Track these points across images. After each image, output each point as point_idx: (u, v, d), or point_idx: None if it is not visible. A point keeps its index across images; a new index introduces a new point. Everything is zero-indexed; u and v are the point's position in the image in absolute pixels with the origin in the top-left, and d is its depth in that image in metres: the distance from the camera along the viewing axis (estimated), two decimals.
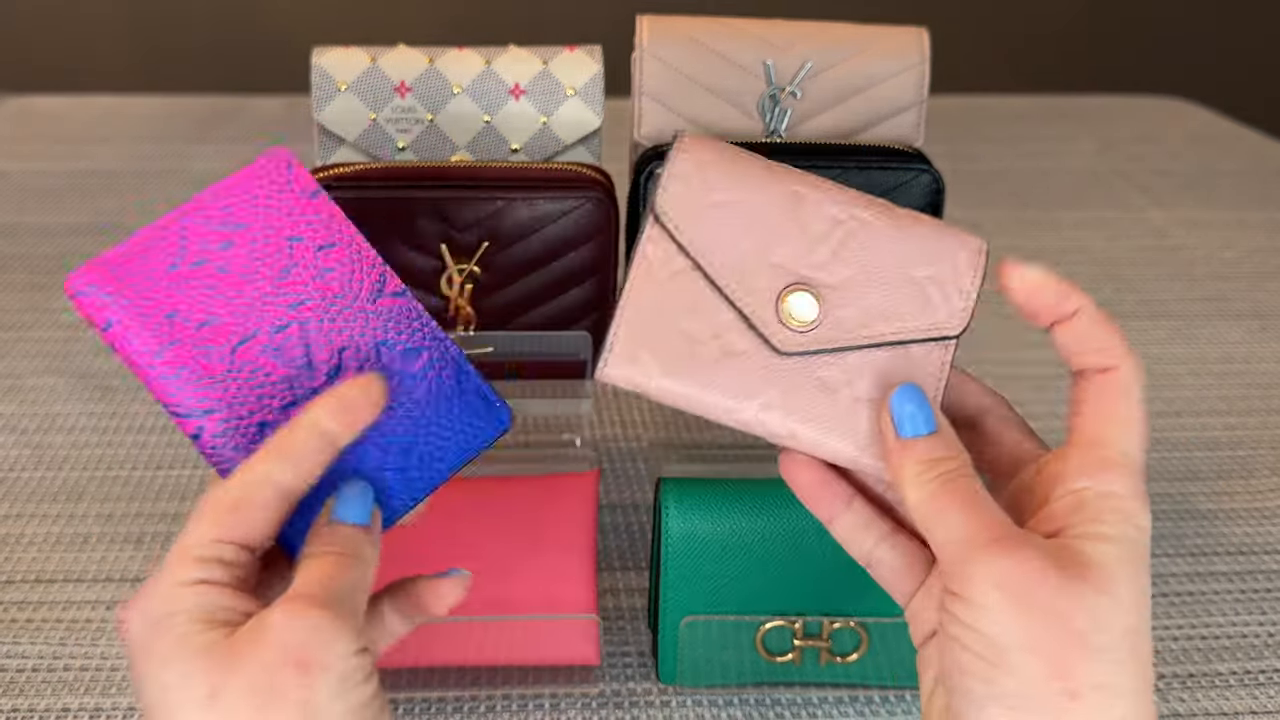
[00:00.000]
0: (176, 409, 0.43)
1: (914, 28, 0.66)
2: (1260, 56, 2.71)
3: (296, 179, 0.46)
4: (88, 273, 0.43)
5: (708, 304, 0.44)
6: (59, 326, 0.92)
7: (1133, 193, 1.25)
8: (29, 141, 1.35)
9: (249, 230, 0.45)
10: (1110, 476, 0.40)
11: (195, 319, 0.44)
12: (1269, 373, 0.89)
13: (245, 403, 0.44)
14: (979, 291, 0.45)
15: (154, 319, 0.43)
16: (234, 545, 0.40)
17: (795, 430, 0.43)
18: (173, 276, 0.44)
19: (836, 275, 0.44)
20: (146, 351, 0.43)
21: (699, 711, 0.56)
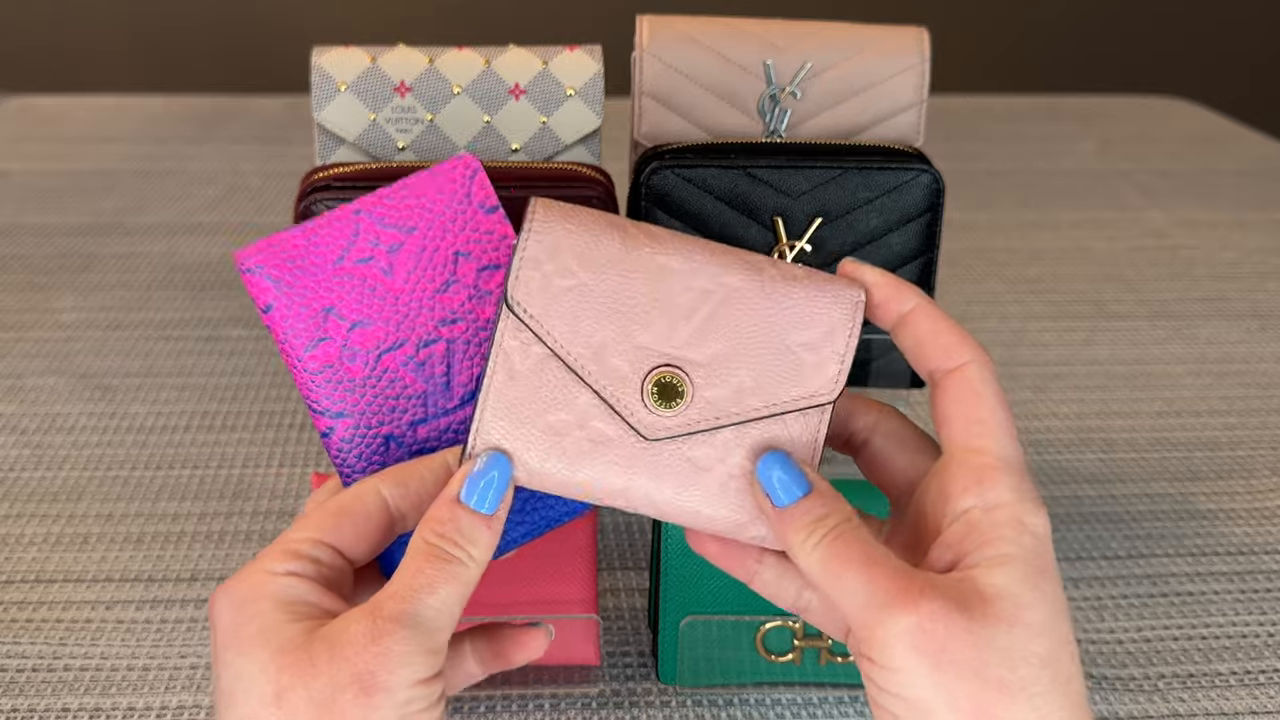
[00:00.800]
0: (314, 404, 0.44)
1: (914, 28, 0.66)
2: (1260, 56, 2.72)
3: (477, 190, 0.45)
4: (259, 252, 0.43)
5: (571, 393, 0.41)
6: (59, 327, 0.92)
7: (1133, 193, 1.25)
8: (29, 141, 1.35)
9: (419, 235, 0.44)
10: (991, 487, 0.39)
11: (350, 318, 0.44)
12: (1269, 373, 0.89)
13: (378, 413, 0.44)
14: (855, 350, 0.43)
15: (312, 311, 0.43)
16: (330, 548, 0.40)
17: (671, 512, 0.42)
18: (338, 270, 0.44)
19: (705, 352, 0.42)
20: (299, 343, 0.43)
21: (699, 711, 0.56)
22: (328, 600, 0.39)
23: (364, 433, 0.44)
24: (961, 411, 0.41)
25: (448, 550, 0.39)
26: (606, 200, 0.61)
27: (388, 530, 0.41)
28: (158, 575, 0.65)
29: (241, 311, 0.94)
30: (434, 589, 0.39)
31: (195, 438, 0.77)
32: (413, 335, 0.44)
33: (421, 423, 0.44)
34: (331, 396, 0.43)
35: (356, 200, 0.44)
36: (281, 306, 0.43)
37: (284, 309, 0.43)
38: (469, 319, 0.45)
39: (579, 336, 0.42)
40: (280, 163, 1.29)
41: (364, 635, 0.37)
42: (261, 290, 0.43)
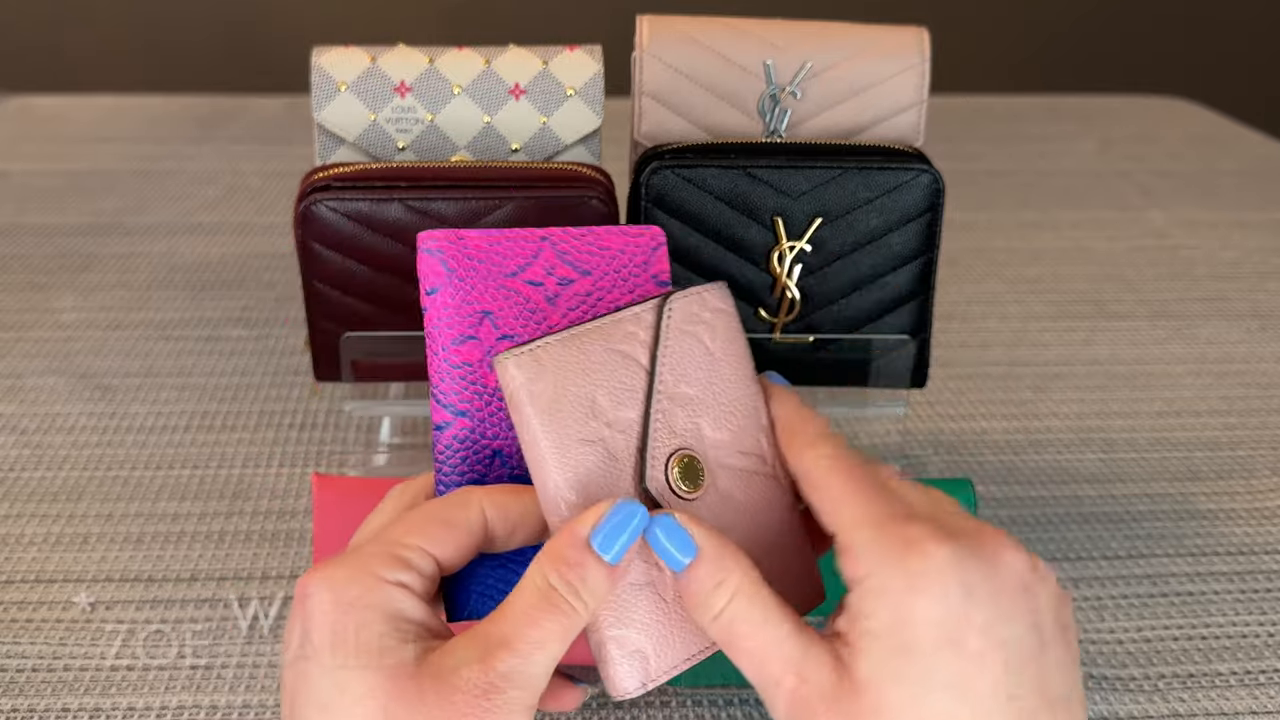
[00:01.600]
0: (441, 396, 0.44)
1: (914, 28, 0.66)
2: (1260, 56, 2.72)
3: (656, 262, 0.47)
4: (441, 237, 0.44)
5: (629, 399, 0.41)
6: (59, 327, 0.92)
7: (1133, 193, 1.25)
8: (29, 141, 1.35)
9: (591, 280, 0.46)
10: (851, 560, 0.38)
11: (501, 329, 0.44)
12: (1269, 373, 0.89)
13: (496, 425, 0.44)
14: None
15: (472, 309, 0.44)
16: (433, 559, 0.39)
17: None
18: (508, 281, 0.45)
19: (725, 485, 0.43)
20: (449, 332, 0.44)
21: (699, 711, 0.56)
22: (431, 618, 0.39)
23: (478, 439, 0.44)
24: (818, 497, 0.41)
25: (568, 600, 0.38)
26: (607, 200, 0.61)
27: (475, 549, 0.41)
28: (158, 575, 0.65)
29: (242, 312, 0.94)
30: (547, 645, 0.38)
31: (195, 438, 0.77)
32: None
33: None
34: (461, 394, 0.44)
35: (545, 228, 0.46)
36: (446, 294, 0.44)
37: (447, 297, 0.44)
38: None
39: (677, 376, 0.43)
40: (280, 163, 1.29)
41: (477, 686, 0.37)
42: (433, 272, 0.44)
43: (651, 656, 0.40)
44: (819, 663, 0.37)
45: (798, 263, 0.62)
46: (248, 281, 1.00)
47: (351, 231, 0.60)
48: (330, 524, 0.56)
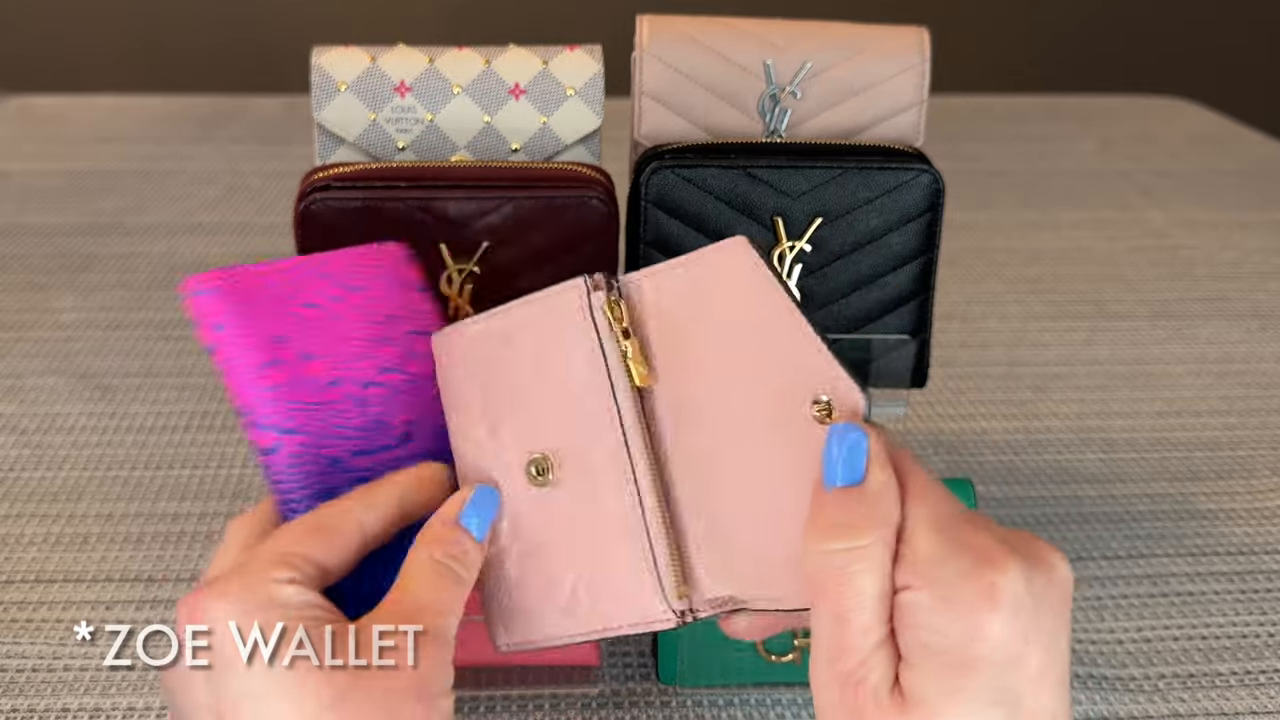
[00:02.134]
0: (261, 421, 0.44)
1: (914, 28, 0.66)
2: (1260, 56, 2.72)
3: (409, 271, 0.51)
4: (210, 278, 0.45)
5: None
6: (59, 327, 0.92)
7: (1133, 193, 1.25)
8: (29, 141, 1.35)
9: (363, 293, 0.49)
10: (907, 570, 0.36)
11: (299, 349, 0.46)
12: (1269, 373, 0.89)
13: (326, 435, 0.45)
14: None
15: (264, 336, 0.45)
16: (313, 563, 0.40)
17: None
18: (289, 307, 0.46)
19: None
20: (251, 362, 0.45)
21: (699, 712, 0.56)
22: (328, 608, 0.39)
23: (313, 451, 0.45)
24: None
25: (457, 571, 0.41)
26: (607, 200, 0.61)
27: (359, 550, 0.42)
28: (158, 575, 0.65)
29: None
30: (454, 609, 0.41)
31: (195, 438, 0.77)
32: (355, 376, 0.47)
33: (363, 454, 0.46)
34: (284, 414, 0.45)
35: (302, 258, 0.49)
36: (234, 327, 0.45)
37: (237, 330, 0.45)
38: (402, 371, 0.49)
39: None
40: (280, 163, 1.29)
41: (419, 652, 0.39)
42: (213, 310, 0.45)
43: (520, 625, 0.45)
44: (883, 659, 0.36)
45: (798, 263, 0.62)
46: None
47: (351, 232, 0.60)
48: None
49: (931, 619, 0.35)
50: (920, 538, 0.36)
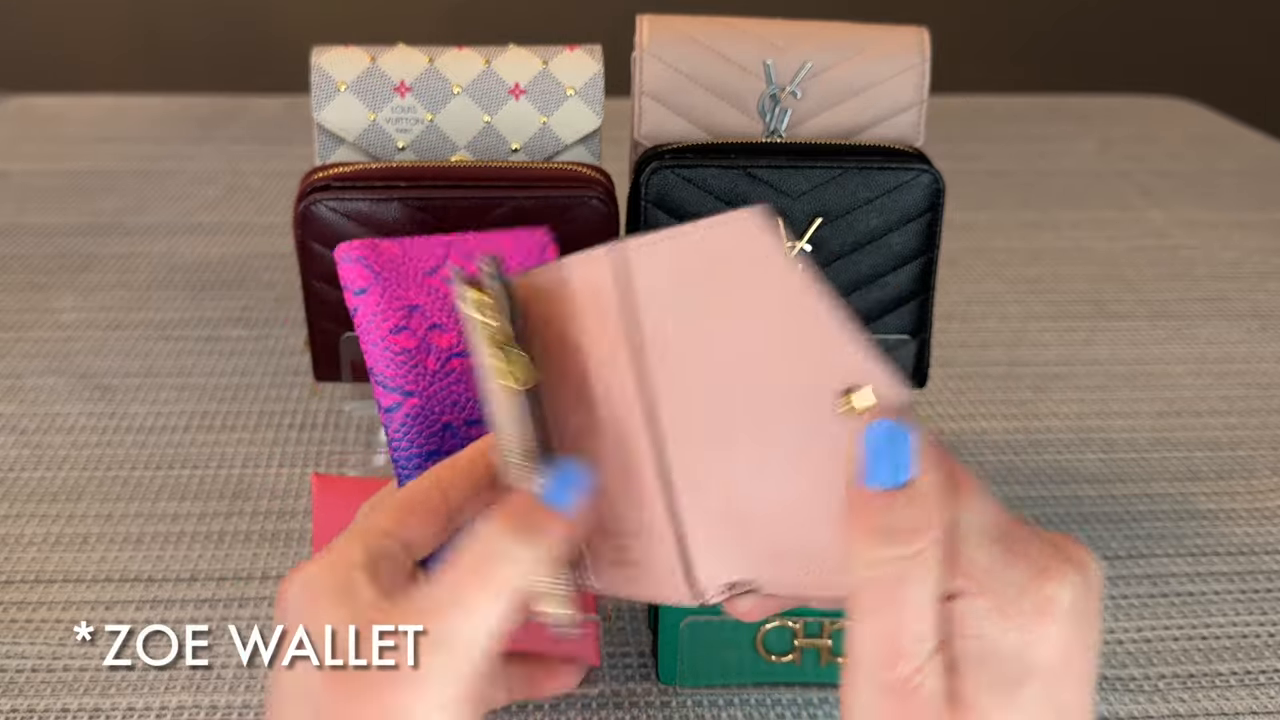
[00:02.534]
0: (386, 382, 0.48)
1: (914, 28, 0.66)
2: (1261, 56, 2.72)
3: (546, 255, 0.53)
4: (359, 246, 0.49)
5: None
6: (59, 327, 0.92)
7: (1133, 193, 1.25)
8: (29, 141, 1.35)
9: None
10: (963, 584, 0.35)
11: (430, 320, 0.49)
12: (1269, 373, 0.89)
13: (441, 402, 0.48)
14: None
15: (400, 303, 0.49)
16: (401, 544, 0.38)
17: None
18: (427, 280, 0.50)
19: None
20: (384, 325, 0.48)
21: (699, 712, 0.56)
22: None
23: (427, 415, 0.48)
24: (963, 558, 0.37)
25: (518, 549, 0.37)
26: (607, 200, 0.61)
27: (446, 523, 0.40)
28: (157, 575, 0.65)
29: (241, 312, 0.94)
30: (475, 607, 0.36)
31: (195, 438, 0.77)
32: None
33: (476, 424, 0.49)
34: (406, 377, 0.48)
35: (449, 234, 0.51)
36: (375, 292, 0.49)
37: (377, 294, 0.49)
38: None
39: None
40: (280, 163, 1.29)
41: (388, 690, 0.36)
42: (359, 275, 0.49)
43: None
44: (938, 666, 0.34)
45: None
46: (248, 282, 1.00)
47: (351, 231, 0.60)
48: (330, 524, 0.56)
49: (988, 628, 0.34)
50: (977, 547, 0.35)
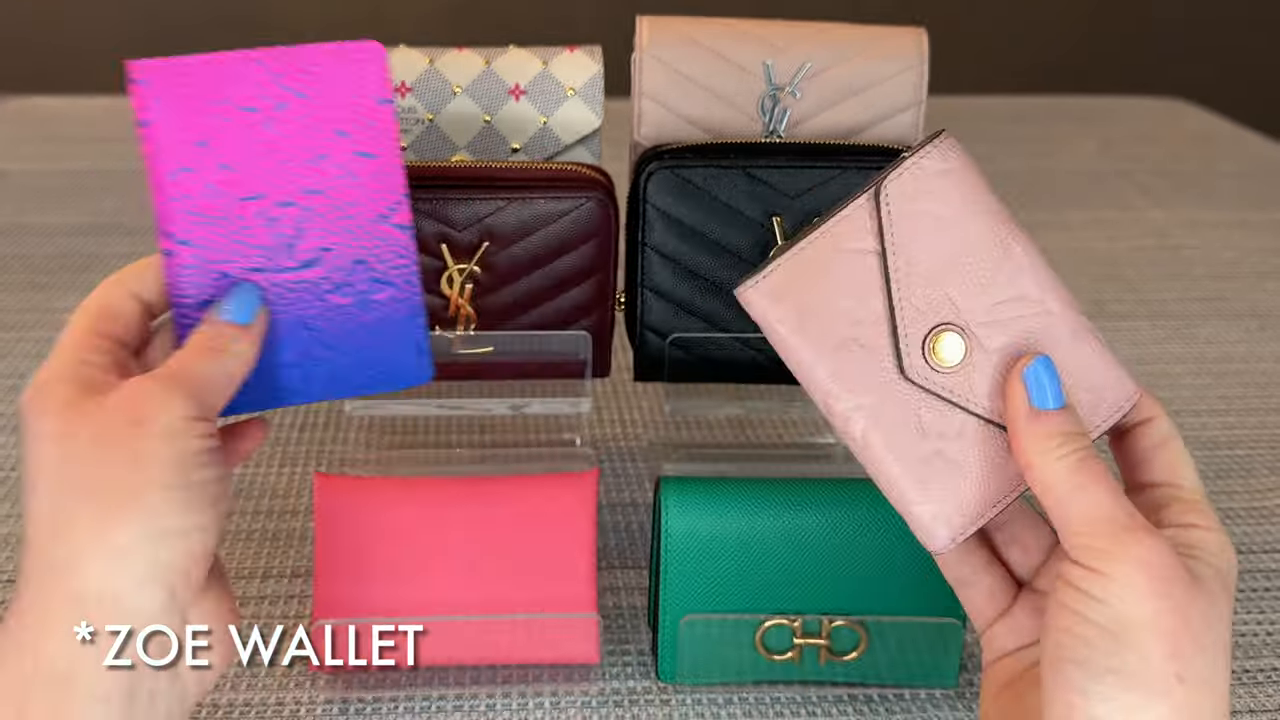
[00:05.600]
0: (164, 226, 0.46)
1: (913, 28, 0.66)
2: (1261, 57, 2.72)
3: (373, 79, 0.47)
4: (155, 68, 0.45)
5: (871, 293, 0.44)
6: (59, 326, 0.91)
7: (1133, 193, 1.25)
8: (29, 142, 1.35)
9: (308, 103, 0.46)
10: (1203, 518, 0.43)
11: (220, 158, 0.46)
12: (1268, 372, 0.89)
13: (221, 250, 0.46)
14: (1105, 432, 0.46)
15: (187, 137, 0.45)
16: (108, 340, 0.45)
17: (870, 443, 0.44)
18: (222, 109, 0.46)
19: (996, 341, 0.44)
20: (166, 163, 0.45)
21: (699, 710, 0.56)
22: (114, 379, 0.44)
23: (204, 265, 0.46)
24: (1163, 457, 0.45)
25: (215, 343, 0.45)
26: (606, 200, 0.61)
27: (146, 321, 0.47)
28: None
29: None
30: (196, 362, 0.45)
31: None
32: (274, 193, 0.46)
33: (258, 271, 0.47)
34: (182, 224, 0.46)
35: (261, 50, 0.46)
36: (160, 125, 0.45)
37: (162, 128, 0.45)
38: (331, 195, 0.47)
39: (913, 254, 0.44)
40: None
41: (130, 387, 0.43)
42: (144, 104, 0.45)
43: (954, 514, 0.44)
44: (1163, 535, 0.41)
45: None
46: None
47: None
48: (331, 523, 0.57)
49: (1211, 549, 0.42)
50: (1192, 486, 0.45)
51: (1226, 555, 0.42)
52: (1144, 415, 0.46)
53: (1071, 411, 0.43)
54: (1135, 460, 0.46)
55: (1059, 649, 0.40)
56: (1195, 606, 0.40)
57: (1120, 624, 0.39)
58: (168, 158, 0.45)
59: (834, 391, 0.44)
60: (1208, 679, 0.39)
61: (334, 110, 0.46)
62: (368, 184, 0.47)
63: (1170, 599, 0.39)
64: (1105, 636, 0.39)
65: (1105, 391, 0.45)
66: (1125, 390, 0.45)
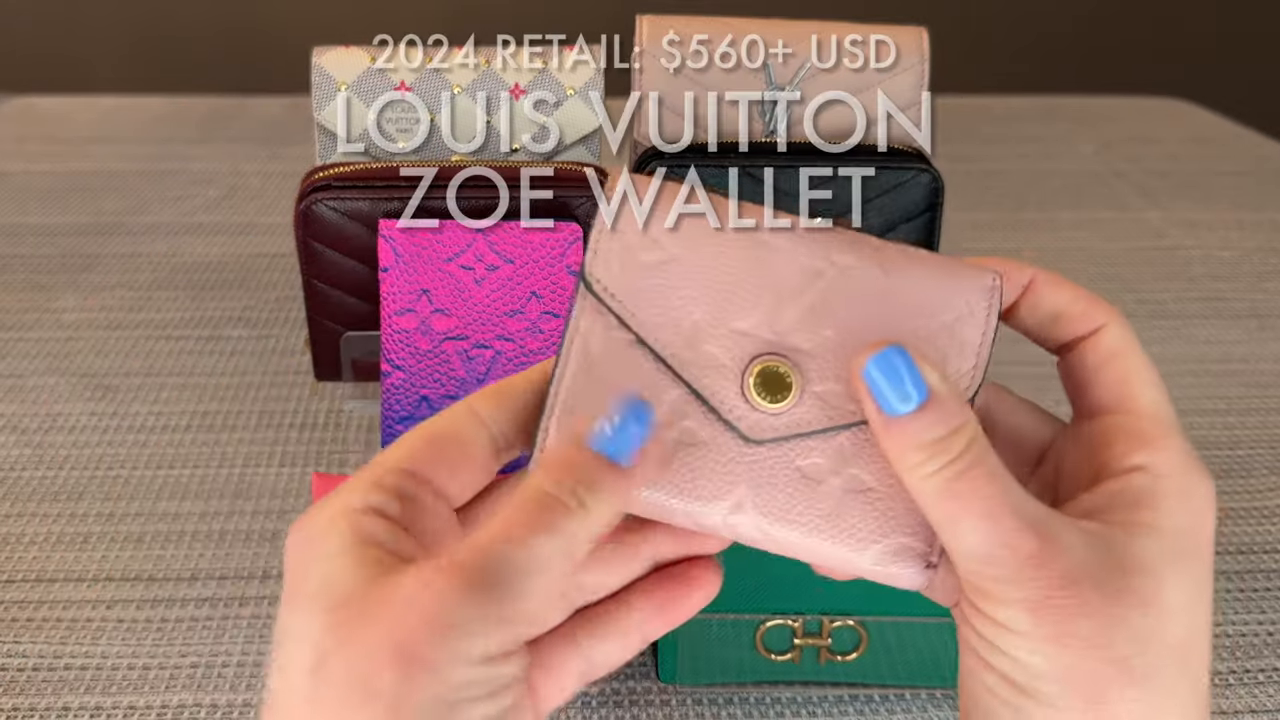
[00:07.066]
0: (386, 353, 0.57)
1: (913, 28, 0.66)
2: (1259, 56, 2.72)
3: (571, 254, 0.58)
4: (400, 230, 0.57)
5: (658, 386, 0.35)
6: (60, 326, 0.92)
7: (1131, 193, 1.25)
8: (29, 141, 1.35)
9: (514, 268, 0.57)
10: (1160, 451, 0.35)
11: (436, 303, 0.57)
12: (1267, 372, 0.89)
13: (425, 377, 0.57)
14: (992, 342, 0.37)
15: (413, 286, 0.56)
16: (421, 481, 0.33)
17: (773, 535, 0.36)
18: (445, 266, 0.57)
19: (815, 339, 0.36)
20: (392, 305, 0.57)
21: (699, 710, 0.56)
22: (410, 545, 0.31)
23: (410, 388, 0.56)
24: (1112, 374, 0.36)
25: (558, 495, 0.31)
26: None
27: (491, 458, 0.34)
28: (158, 575, 0.65)
29: (242, 312, 0.94)
30: (524, 539, 0.30)
31: (196, 437, 0.77)
32: (474, 335, 0.57)
33: (450, 398, 0.55)
34: (399, 352, 0.57)
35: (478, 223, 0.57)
36: (394, 273, 0.57)
37: (395, 276, 0.57)
38: (520, 342, 0.57)
39: (668, 320, 0.36)
40: (281, 163, 1.29)
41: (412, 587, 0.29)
42: (386, 255, 0.57)
43: (908, 540, 0.35)
44: (1070, 530, 0.33)
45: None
46: (248, 282, 1.00)
47: (351, 231, 0.61)
48: None
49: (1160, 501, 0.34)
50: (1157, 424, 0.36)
51: (1191, 499, 0.34)
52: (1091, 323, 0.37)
53: (936, 404, 0.33)
54: (1079, 383, 0.38)
55: (971, 696, 0.34)
56: (1124, 634, 0.32)
57: (1025, 674, 0.32)
58: (396, 299, 0.56)
59: (694, 510, 0.35)
60: (1153, 701, 0.32)
61: (533, 276, 0.57)
62: (551, 337, 0.57)
63: (1079, 640, 0.32)
64: (1008, 688, 0.33)
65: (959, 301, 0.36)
66: (982, 282, 0.37)
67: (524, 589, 0.29)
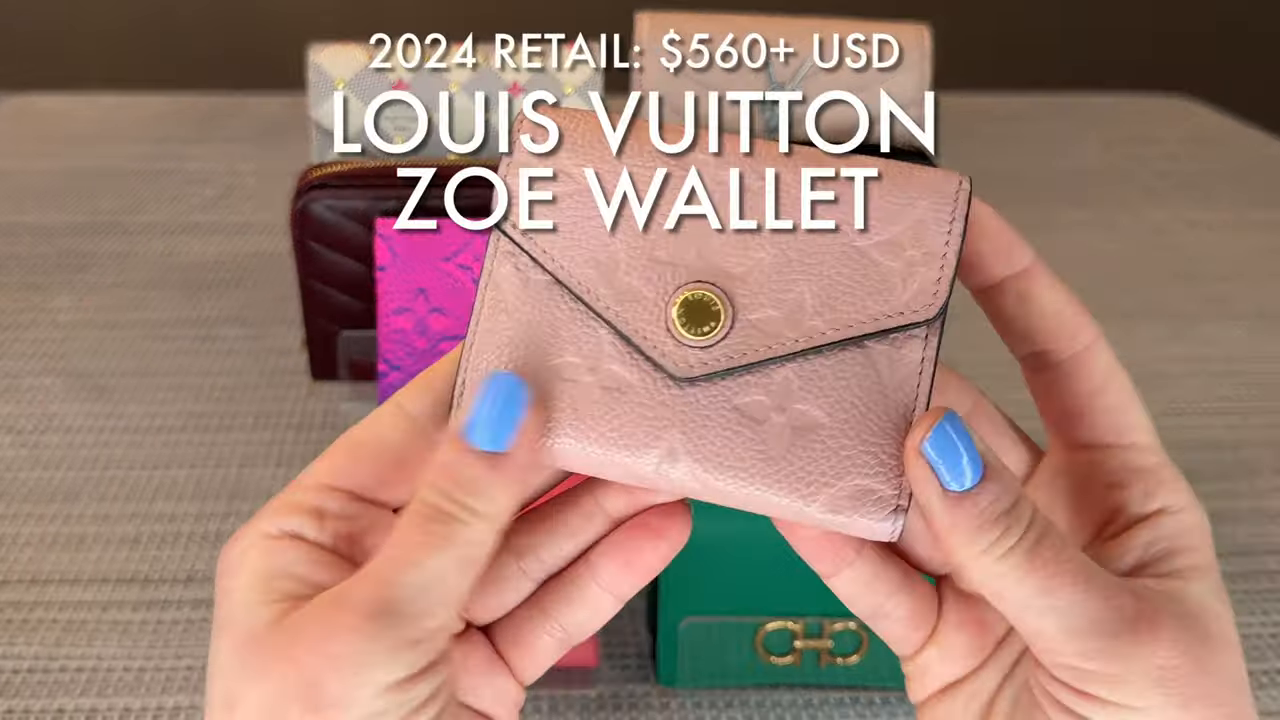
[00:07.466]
0: (382, 352, 0.56)
1: (915, 25, 0.65)
2: (1263, 54, 2.71)
3: None
4: (392, 230, 0.56)
5: (578, 327, 0.32)
6: (56, 327, 0.91)
7: (1134, 192, 1.25)
8: (29, 141, 1.35)
9: None
10: (1171, 490, 0.33)
11: (434, 303, 0.56)
12: (1270, 372, 0.89)
13: None
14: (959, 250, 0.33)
15: (410, 286, 0.56)
16: (345, 495, 0.31)
17: (712, 484, 0.31)
18: (443, 265, 0.56)
19: (746, 262, 0.32)
20: (389, 304, 0.56)
21: (699, 713, 0.56)
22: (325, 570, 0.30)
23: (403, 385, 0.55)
24: (1108, 403, 0.34)
25: (440, 505, 0.29)
26: None
27: (426, 450, 0.31)
28: (154, 576, 0.65)
29: (239, 311, 0.94)
30: (417, 560, 0.29)
31: (192, 437, 0.77)
32: None
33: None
34: (395, 352, 0.56)
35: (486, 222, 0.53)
36: (391, 272, 0.56)
37: (392, 275, 0.56)
38: None
39: (585, 254, 0.32)
40: (277, 161, 1.29)
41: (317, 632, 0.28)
42: (382, 254, 0.56)
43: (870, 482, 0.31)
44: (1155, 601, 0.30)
45: None
46: (245, 281, 1.00)
47: (348, 230, 0.60)
48: None
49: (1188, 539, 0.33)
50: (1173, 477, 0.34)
51: (1206, 534, 0.33)
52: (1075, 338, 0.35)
53: (995, 474, 0.29)
54: (1069, 411, 0.34)
55: None
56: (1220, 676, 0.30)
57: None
58: (392, 298, 0.56)
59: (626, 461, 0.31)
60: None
61: None
62: None
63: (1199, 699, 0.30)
64: None
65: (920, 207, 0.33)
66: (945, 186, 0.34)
67: (425, 609, 0.29)
